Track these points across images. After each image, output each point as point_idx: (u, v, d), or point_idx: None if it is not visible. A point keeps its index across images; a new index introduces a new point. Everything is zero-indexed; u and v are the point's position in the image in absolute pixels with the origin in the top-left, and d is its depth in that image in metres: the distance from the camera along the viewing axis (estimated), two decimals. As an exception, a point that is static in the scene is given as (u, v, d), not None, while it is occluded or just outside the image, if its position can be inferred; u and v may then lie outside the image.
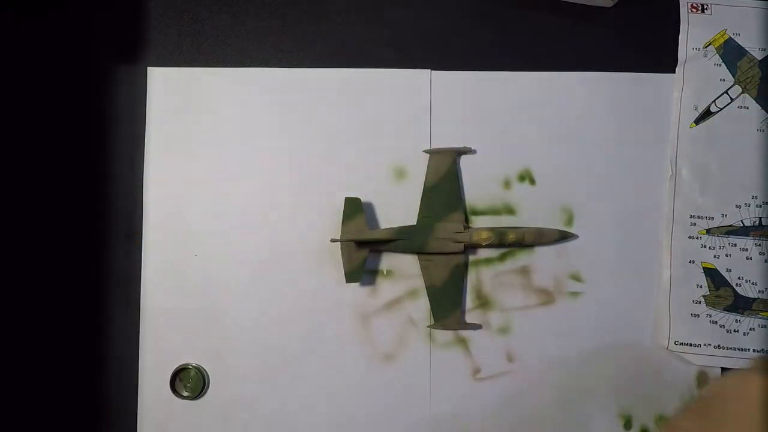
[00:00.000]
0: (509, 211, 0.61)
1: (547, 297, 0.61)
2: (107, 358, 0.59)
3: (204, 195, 0.61)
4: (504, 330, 0.60)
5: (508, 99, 0.62)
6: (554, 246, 0.61)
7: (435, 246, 0.59)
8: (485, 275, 0.61)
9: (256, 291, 0.60)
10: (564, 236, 0.60)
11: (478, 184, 0.61)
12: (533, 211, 0.61)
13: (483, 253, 0.61)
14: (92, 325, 0.59)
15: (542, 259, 0.61)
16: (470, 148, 0.61)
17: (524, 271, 0.61)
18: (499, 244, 0.60)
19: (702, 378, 0.60)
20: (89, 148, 0.60)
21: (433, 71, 0.62)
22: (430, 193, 0.60)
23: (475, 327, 0.60)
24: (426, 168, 0.60)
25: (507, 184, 0.61)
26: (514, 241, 0.59)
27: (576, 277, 0.61)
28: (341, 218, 0.59)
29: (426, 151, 0.61)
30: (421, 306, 0.60)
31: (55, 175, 0.60)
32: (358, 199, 0.59)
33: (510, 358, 0.60)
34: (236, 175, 0.61)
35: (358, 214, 0.59)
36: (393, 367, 0.60)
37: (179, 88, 0.61)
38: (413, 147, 0.61)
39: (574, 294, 0.61)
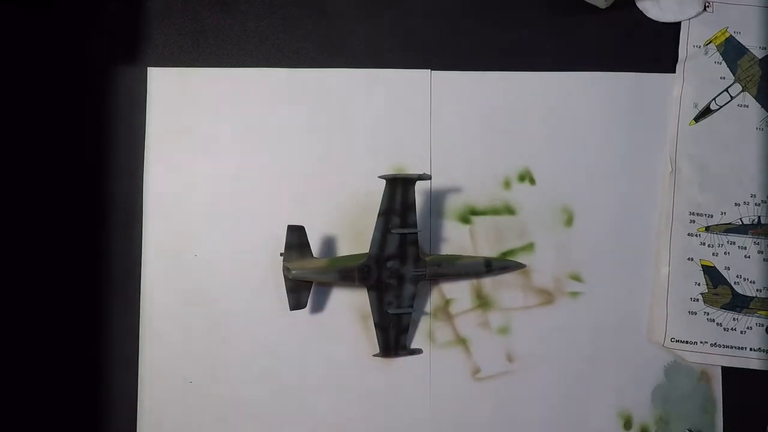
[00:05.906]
0: (509, 211, 0.61)
1: (547, 297, 0.61)
2: (107, 358, 0.59)
3: (204, 195, 0.60)
4: (504, 330, 0.60)
5: (508, 99, 0.62)
6: (554, 246, 0.61)
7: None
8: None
9: (256, 291, 0.60)
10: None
11: (478, 184, 0.61)
12: (533, 211, 0.61)
13: (483, 254, 0.61)
14: (92, 325, 0.59)
15: (542, 259, 0.61)
16: (428, 175, 0.58)
17: (524, 271, 0.61)
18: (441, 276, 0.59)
19: (703, 378, 0.60)
20: (89, 148, 0.60)
21: (433, 71, 0.62)
22: (384, 222, 0.57)
23: (418, 352, 0.59)
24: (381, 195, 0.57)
25: (507, 184, 0.61)
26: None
27: (576, 277, 0.61)
28: (284, 243, 0.57)
29: (382, 177, 0.56)
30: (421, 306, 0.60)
31: (55, 175, 0.60)
32: (302, 227, 0.57)
33: (510, 358, 0.60)
34: (236, 175, 0.61)
35: (303, 243, 0.57)
36: (393, 367, 0.60)
37: (179, 88, 0.61)
38: (413, 147, 0.61)
39: (574, 294, 0.61)
